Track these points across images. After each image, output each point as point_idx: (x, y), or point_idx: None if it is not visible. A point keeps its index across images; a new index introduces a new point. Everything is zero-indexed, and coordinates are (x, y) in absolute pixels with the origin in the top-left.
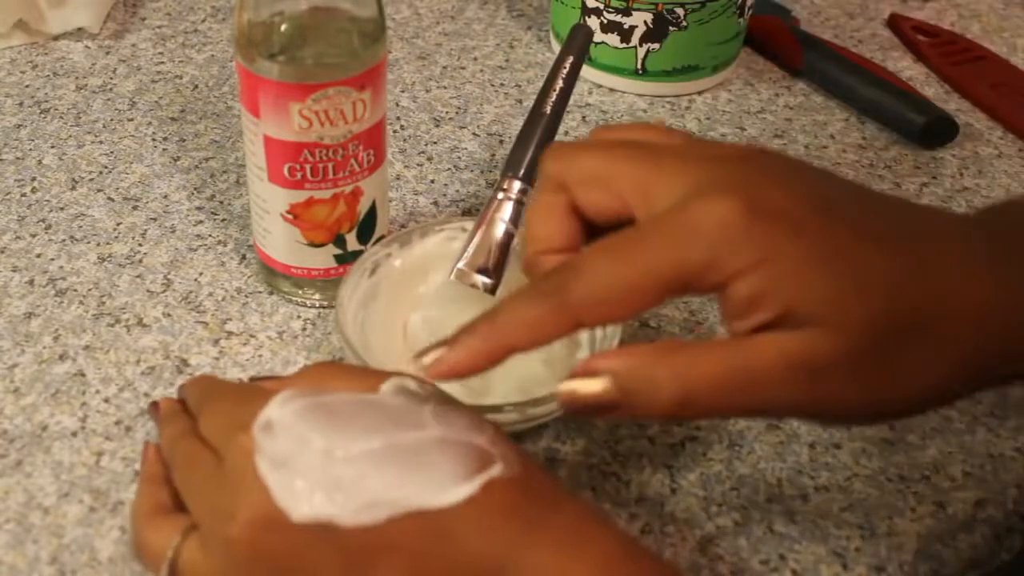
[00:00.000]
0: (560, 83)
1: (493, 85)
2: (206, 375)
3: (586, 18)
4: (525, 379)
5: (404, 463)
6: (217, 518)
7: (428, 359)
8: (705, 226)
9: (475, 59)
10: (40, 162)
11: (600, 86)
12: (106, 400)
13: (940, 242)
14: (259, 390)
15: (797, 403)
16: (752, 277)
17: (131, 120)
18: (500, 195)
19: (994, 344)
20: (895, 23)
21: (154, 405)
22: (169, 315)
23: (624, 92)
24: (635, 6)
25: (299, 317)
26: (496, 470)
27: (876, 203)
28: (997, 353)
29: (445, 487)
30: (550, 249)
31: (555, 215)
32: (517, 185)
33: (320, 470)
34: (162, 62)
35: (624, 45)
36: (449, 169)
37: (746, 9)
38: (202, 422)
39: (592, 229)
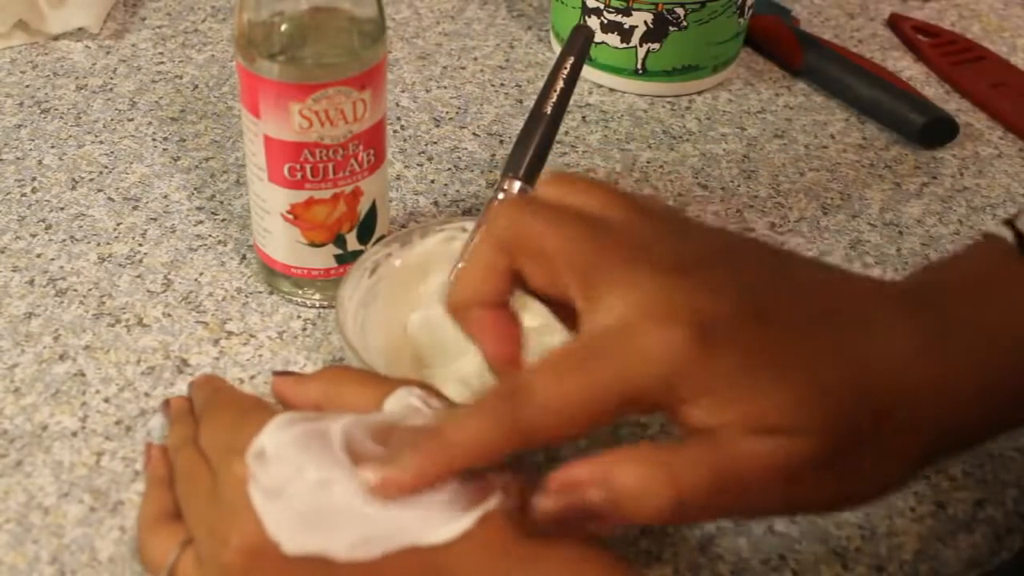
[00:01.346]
0: (560, 84)
1: (493, 85)
2: (214, 376)
3: (586, 18)
4: None
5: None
6: (211, 540)
7: (372, 476)
8: (657, 354)
9: (475, 59)
10: (40, 162)
11: (600, 86)
12: (106, 400)
13: (881, 329)
14: (258, 408)
15: (773, 506)
16: (707, 401)
17: (131, 120)
18: (500, 195)
19: (946, 422)
20: (895, 23)
21: (166, 403)
22: (169, 315)
23: (624, 92)
24: (635, 6)
25: (299, 317)
26: (493, 502)
27: (816, 291)
28: (951, 430)
29: (441, 522)
30: (481, 304)
31: (493, 276)
32: (517, 185)
33: (314, 502)
34: (162, 62)
35: (624, 45)
36: (449, 169)
37: (746, 9)
38: (201, 434)
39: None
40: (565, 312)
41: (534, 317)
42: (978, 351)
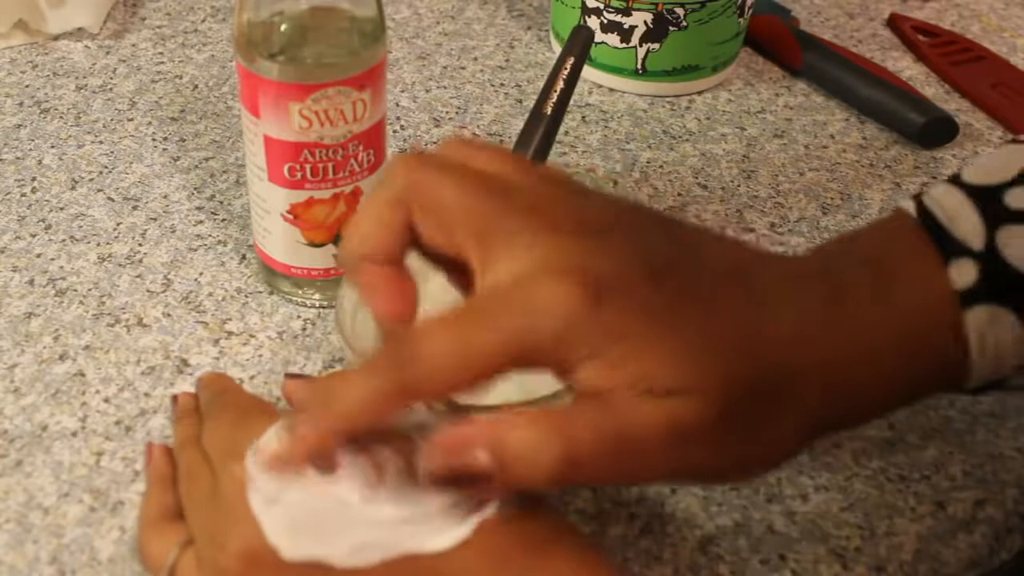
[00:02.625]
0: (561, 84)
1: (493, 85)
2: (223, 375)
3: (586, 18)
4: (525, 379)
5: (399, 502)
6: (210, 543)
7: (264, 456)
8: (549, 310)
9: (475, 59)
10: (40, 162)
11: (600, 86)
12: (106, 400)
13: (777, 299)
14: (261, 411)
15: (664, 471)
16: (598, 361)
17: (131, 120)
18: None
19: (834, 397)
20: (895, 23)
21: (174, 399)
22: (169, 315)
23: (624, 92)
24: (635, 6)
25: (299, 317)
26: (491, 509)
27: (715, 260)
28: (840, 403)
29: (440, 529)
30: (373, 258)
31: (388, 230)
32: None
33: (313, 508)
34: (162, 62)
35: (624, 45)
36: None
37: (746, 9)
38: (203, 434)
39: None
40: (457, 274)
41: None
42: (870, 324)
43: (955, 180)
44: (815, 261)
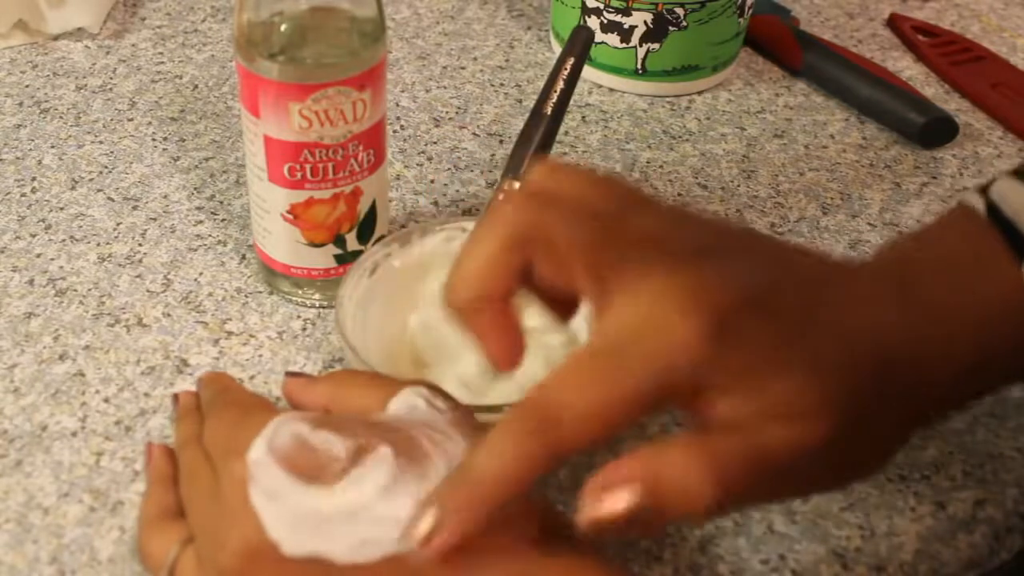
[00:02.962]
0: (561, 84)
1: (493, 85)
2: (223, 374)
3: (586, 18)
4: (526, 380)
5: (401, 499)
6: (211, 541)
7: (419, 537)
8: (684, 347)
9: (475, 59)
10: (40, 162)
11: (600, 86)
12: (106, 400)
13: (865, 305)
14: (262, 409)
15: (795, 488)
16: (731, 396)
17: (131, 120)
18: (500, 196)
19: (924, 387)
20: (895, 23)
21: (175, 397)
22: (169, 315)
23: (624, 92)
24: (635, 6)
25: (299, 317)
26: None
27: (808, 276)
28: (929, 395)
29: None
30: (484, 300)
31: (505, 270)
32: (517, 186)
33: (314, 504)
34: (162, 62)
35: (624, 45)
36: (449, 169)
37: (746, 9)
38: (205, 432)
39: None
40: (560, 307)
41: (532, 317)
42: (947, 325)
43: (1019, 174)
44: (890, 265)
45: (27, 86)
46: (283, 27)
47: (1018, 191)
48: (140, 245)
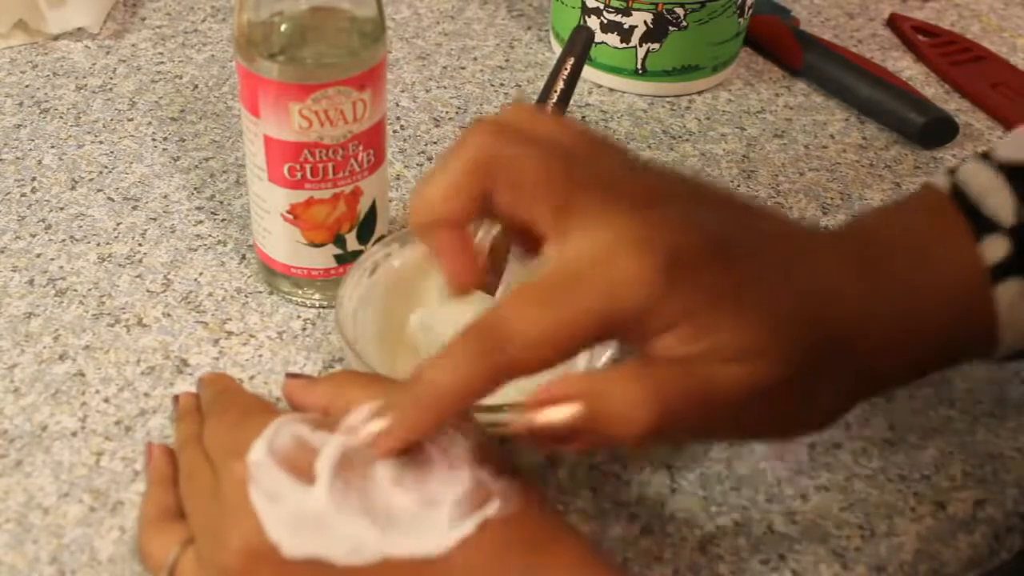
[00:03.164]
0: (561, 84)
1: (493, 85)
2: (223, 375)
3: (586, 18)
4: (524, 381)
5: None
6: (211, 541)
7: (363, 435)
8: (634, 282)
9: (475, 59)
10: (40, 162)
11: (600, 86)
12: (106, 400)
13: (827, 268)
14: (262, 410)
15: (746, 424)
16: (677, 332)
17: (131, 120)
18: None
19: (880, 355)
20: (895, 23)
21: (175, 399)
22: (169, 315)
23: (624, 92)
24: (635, 6)
25: (299, 317)
26: (492, 508)
27: (769, 231)
28: (884, 363)
29: (440, 528)
30: (446, 224)
31: (465, 197)
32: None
33: (314, 505)
34: (162, 62)
35: (624, 45)
36: None
37: (746, 9)
38: (205, 433)
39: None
40: (522, 236)
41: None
42: (909, 290)
43: (986, 156)
44: (856, 233)
45: (27, 86)
46: (283, 27)
47: (983, 172)
48: (140, 245)
